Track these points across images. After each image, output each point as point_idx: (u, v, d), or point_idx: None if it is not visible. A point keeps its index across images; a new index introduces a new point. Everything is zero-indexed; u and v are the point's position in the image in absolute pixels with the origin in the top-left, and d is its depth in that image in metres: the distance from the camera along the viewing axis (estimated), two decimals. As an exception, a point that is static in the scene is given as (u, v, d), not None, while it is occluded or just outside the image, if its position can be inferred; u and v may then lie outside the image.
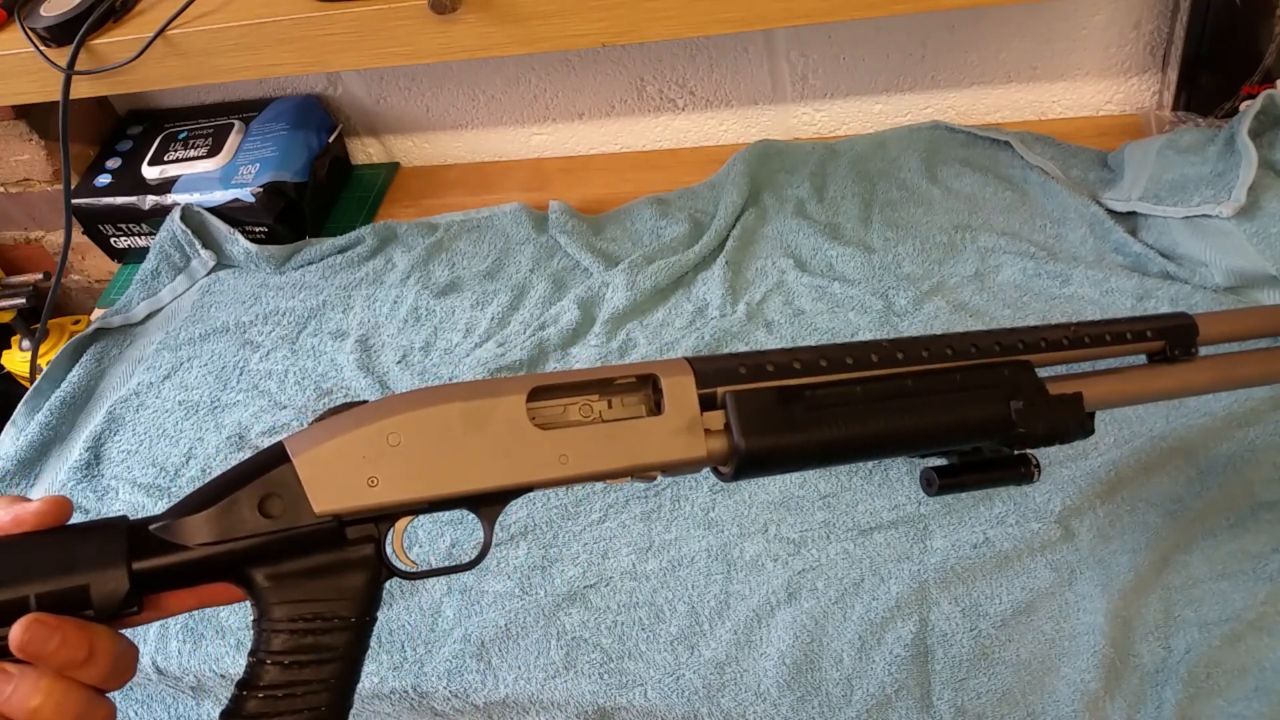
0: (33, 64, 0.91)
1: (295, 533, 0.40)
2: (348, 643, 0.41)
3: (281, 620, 0.41)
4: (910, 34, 0.96)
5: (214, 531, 0.40)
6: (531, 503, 0.74)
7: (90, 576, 0.39)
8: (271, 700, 0.40)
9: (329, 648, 0.41)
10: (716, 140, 1.08)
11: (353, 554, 0.42)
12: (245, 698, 0.40)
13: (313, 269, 1.00)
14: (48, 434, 0.91)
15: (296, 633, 0.41)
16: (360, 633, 0.42)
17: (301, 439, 0.42)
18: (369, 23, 0.83)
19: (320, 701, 0.40)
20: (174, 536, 0.40)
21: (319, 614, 0.41)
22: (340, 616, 0.41)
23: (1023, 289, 0.82)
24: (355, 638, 0.42)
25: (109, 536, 0.40)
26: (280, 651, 0.40)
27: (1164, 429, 0.69)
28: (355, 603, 0.42)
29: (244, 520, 0.40)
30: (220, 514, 0.40)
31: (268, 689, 0.40)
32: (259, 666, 0.40)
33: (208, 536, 0.40)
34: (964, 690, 0.59)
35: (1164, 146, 0.86)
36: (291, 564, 0.41)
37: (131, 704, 0.74)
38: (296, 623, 0.41)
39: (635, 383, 0.45)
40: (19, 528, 0.40)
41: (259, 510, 0.40)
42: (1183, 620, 0.60)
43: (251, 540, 0.40)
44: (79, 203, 1.07)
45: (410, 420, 0.41)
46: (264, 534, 0.40)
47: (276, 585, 0.41)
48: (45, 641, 0.37)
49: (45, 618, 0.38)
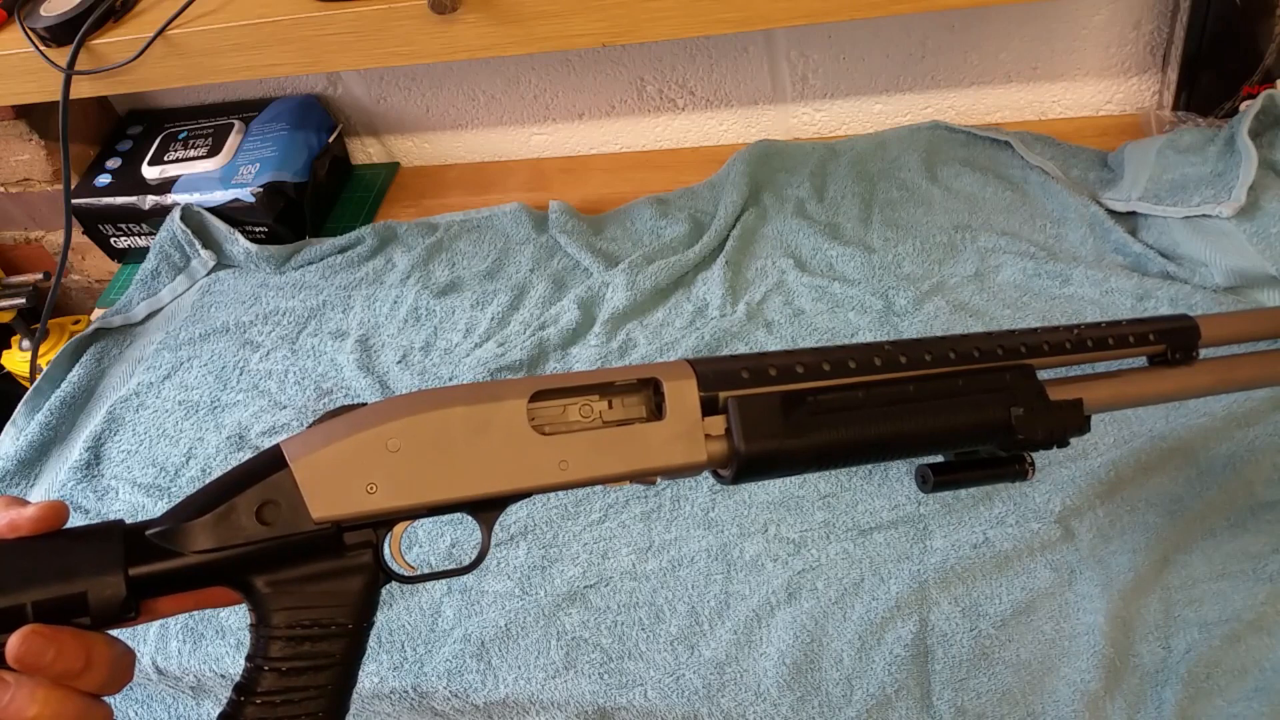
0: (33, 64, 0.91)
1: (293, 539, 0.40)
2: (345, 649, 0.41)
3: (280, 627, 0.40)
4: (910, 34, 0.96)
5: (211, 538, 0.40)
6: (531, 503, 0.74)
7: (87, 583, 0.38)
8: (269, 706, 0.40)
9: (327, 654, 0.41)
10: (716, 140, 1.08)
11: (351, 560, 0.41)
12: (243, 704, 0.40)
13: (313, 269, 1.00)
14: (48, 434, 0.91)
15: (294, 639, 0.40)
16: (358, 639, 0.42)
17: (299, 443, 0.41)
18: (369, 23, 0.83)
19: (317, 708, 0.40)
20: (171, 542, 0.40)
21: (317, 620, 0.41)
22: (338, 623, 0.41)
23: (1023, 289, 0.82)
24: (353, 644, 0.42)
25: (105, 542, 0.39)
26: (278, 658, 0.40)
27: (1164, 429, 0.69)
28: (353, 609, 0.41)
29: (241, 527, 0.40)
30: (217, 520, 0.40)
31: (265, 695, 0.40)
32: (256, 672, 0.40)
33: (205, 543, 0.40)
34: (964, 690, 0.59)
35: (1164, 146, 0.86)
36: (289, 570, 0.41)
37: (131, 704, 0.74)
38: (295, 629, 0.40)
39: (636, 384, 0.45)
40: (15, 533, 0.40)
41: (256, 517, 0.40)
42: (1183, 620, 0.60)
43: (249, 547, 0.40)
44: (79, 203, 1.07)
45: (409, 426, 0.41)
46: (261, 541, 0.40)
47: (275, 592, 0.41)
48: (42, 653, 0.37)
49: (42, 629, 0.37)
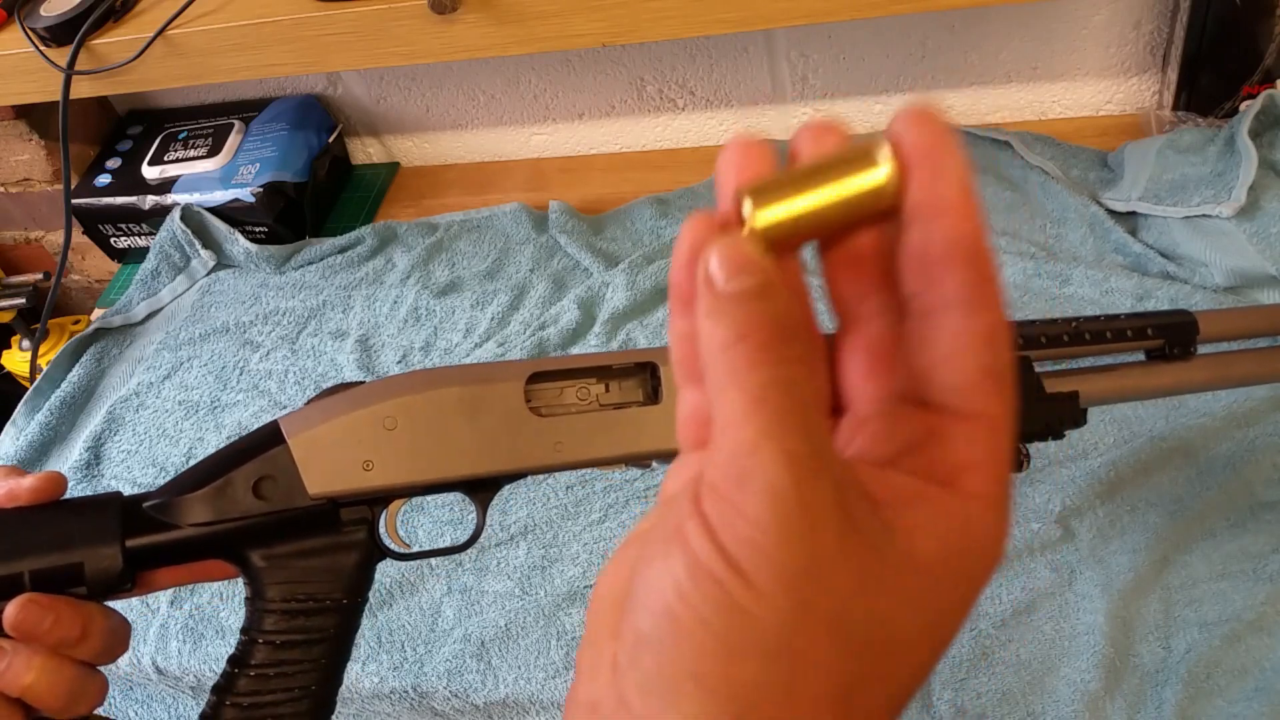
0: (33, 64, 0.91)
1: (289, 515, 0.41)
2: (339, 624, 0.42)
3: (274, 600, 0.41)
4: (910, 34, 0.96)
5: (208, 511, 0.40)
6: (531, 503, 0.74)
7: (84, 554, 0.39)
8: (262, 679, 0.40)
9: (320, 629, 0.41)
10: (717, 140, 1.08)
11: (346, 537, 0.42)
12: (236, 675, 0.40)
13: (313, 269, 1.00)
14: (48, 434, 0.91)
15: (289, 613, 0.41)
16: (352, 614, 0.42)
17: (297, 419, 0.42)
18: (369, 22, 0.83)
19: (310, 681, 0.41)
20: (168, 515, 0.40)
21: (311, 595, 0.41)
22: (333, 598, 0.41)
23: (1022, 289, 0.81)
24: (347, 619, 0.42)
25: (103, 514, 0.40)
26: (272, 631, 0.41)
27: (1164, 429, 0.69)
28: (348, 584, 0.42)
29: (238, 501, 0.40)
30: (214, 494, 0.40)
31: (258, 667, 0.40)
32: (251, 645, 0.41)
33: (202, 516, 0.40)
34: (964, 690, 0.59)
35: (1164, 146, 0.86)
36: (285, 545, 0.41)
37: (132, 704, 0.74)
38: (289, 603, 0.41)
39: (633, 368, 0.45)
40: (13, 502, 0.40)
41: (253, 491, 0.40)
42: (1183, 620, 0.60)
43: (245, 521, 0.40)
44: (79, 203, 1.06)
45: (407, 404, 0.41)
46: (257, 515, 0.40)
47: (270, 566, 0.41)
48: (39, 621, 0.37)
49: (39, 597, 0.38)
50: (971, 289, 0.22)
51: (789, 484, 0.20)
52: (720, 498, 0.21)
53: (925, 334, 0.23)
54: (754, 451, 0.21)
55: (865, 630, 0.21)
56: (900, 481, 0.23)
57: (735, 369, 0.21)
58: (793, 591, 0.20)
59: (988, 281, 0.22)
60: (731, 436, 0.21)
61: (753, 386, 0.21)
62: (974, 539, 0.22)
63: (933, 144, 0.21)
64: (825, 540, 0.20)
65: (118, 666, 0.72)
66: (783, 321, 0.22)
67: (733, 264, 0.22)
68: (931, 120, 0.22)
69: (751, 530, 0.20)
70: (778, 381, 0.21)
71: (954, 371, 0.22)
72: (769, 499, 0.20)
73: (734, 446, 0.21)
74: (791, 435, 0.21)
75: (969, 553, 0.22)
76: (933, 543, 0.22)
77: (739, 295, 0.22)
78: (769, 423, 0.21)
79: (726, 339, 0.22)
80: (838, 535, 0.21)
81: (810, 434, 0.21)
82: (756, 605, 0.20)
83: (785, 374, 0.21)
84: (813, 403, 0.22)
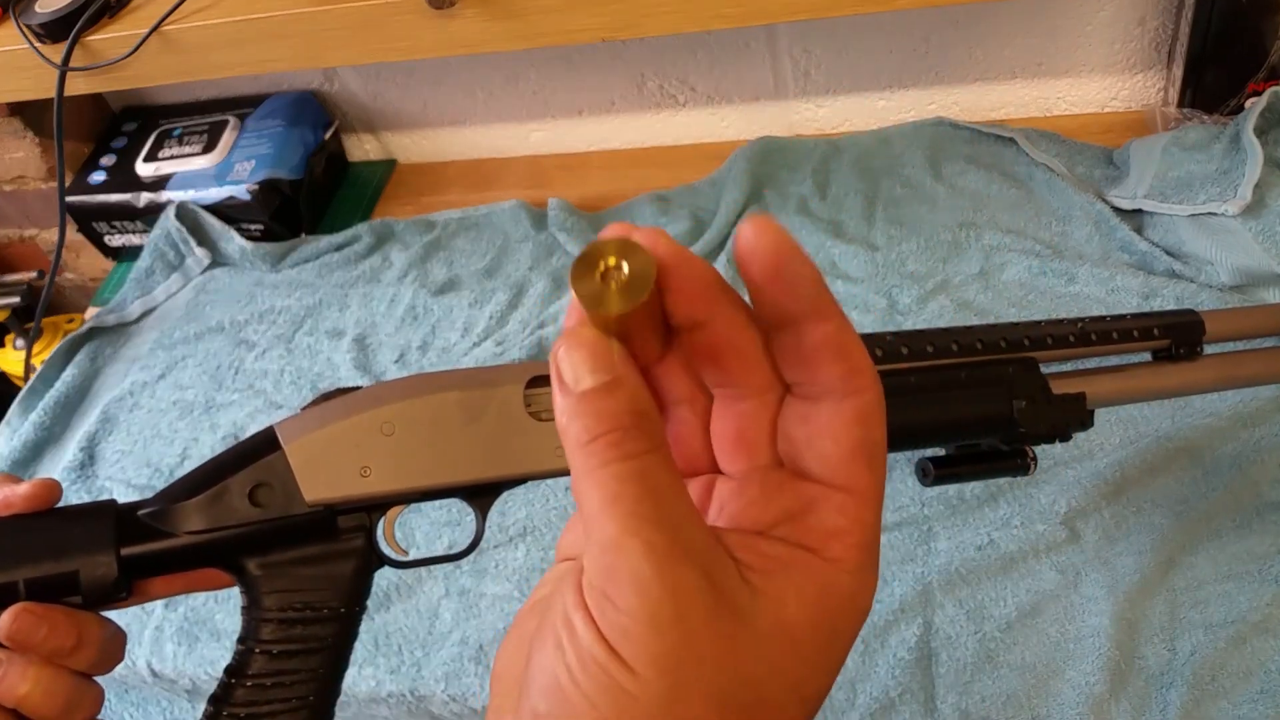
0: (27, 60, 0.90)
1: (285, 522, 0.40)
2: (336, 633, 0.41)
3: (271, 609, 0.40)
4: (913, 29, 0.95)
5: (204, 519, 0.40)
6: (531, 504, 0.73)
7: (79, 562, 0.38)
8: (259, 689, 0.40)
9: (318, 638, 0.40)
10: (718, 137, 1.07)
11: (344, 544, 0.41)
12: (233, 685, 0.40)
13: (309, 267, 1.00)
14: (42, 434, 0.90)
15: (286, 622, 0.40)
16: (350, 623, 0.42)
17: (293, 425, 0.41)
18: (366, 17, 0.82)
19: (308, 690, 0.40)
20: (163, 523, 0.40)
21: (309, 604, 0.41)
22: (330, 606, 0.41)
23: (1028, 287, 0.81)
24: (344, 628, 0.41)
25: (98, 522, 0.39)
26: (269, 640, 0.40)
27: (1169, 429, 0.69)
28: (345, 593, 0.41)
29: (234, 509, 0.40)
30: (210, 502, 0.40)
31: (255, 677, 0.40)
32: (247, 655, 0.40)
33: (197, 524, 0.40)
34: (968, 694, 0.59)
35: (1169, 144, 0.85)
36: (281, 553, 0.41)
37: (127, 707, 0.73)
38: (286, 612, 0.40)
39: None
40: (7, 510, 0.40)
41: (249, 499, 0.40)
42: (1188, 622, 0.59)
43: (241, 529, 0.40)
44: (73, 200, 1.06)
45: (405, 409, 0.41)
46: (254, 523, 0.40)
47: (266, 574, 0.40)
48: (33, 631, 0.37)
49: (33, 607, 0.38)
50: (842, 380, 0.24)
51: (651, 575, 0.22)
52: (595, 590, 0.23)
53: (803, 412, 0.24)
54: (617, 547, 0.22)
55: (739, 694, 0.22)
56: (770, 549, 0.24)
57: (590, 467, 0.23)
58: (667, 673, 0.22)
59: (857, 370, 0.24)
60: (596, 531, 0.23)
61: (608, 481, 0.22)
62: (838, 601, 0.24)
63: (779, 256, 0.22)
64: (693, 620, 0.22)
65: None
66: (634, 412, 0.23)
67: (583, 364, 0.23)
68: (773, 231, 0.23)
69: (624, 619, 0.22)
70: (631, 475, 0.22)
71: (828, 447, 0.24)
72: (635, 590, 0.22)
73: (601, 540, 0.22)
74: (648, 526, 0.22)
75: (834, 614, 0.24)
76: (797, 608, 0.23)
77: (589, 394, 0.23)
78: (627, 517, 0.22)
79: (579, 437, 0.23)
80: (705, 612, 0.22)
81: (666, 523, 0.22)
82: (636, 687, 0.22)
83: (637, 467, 0.22)
84: (669, 488, 0.23)
